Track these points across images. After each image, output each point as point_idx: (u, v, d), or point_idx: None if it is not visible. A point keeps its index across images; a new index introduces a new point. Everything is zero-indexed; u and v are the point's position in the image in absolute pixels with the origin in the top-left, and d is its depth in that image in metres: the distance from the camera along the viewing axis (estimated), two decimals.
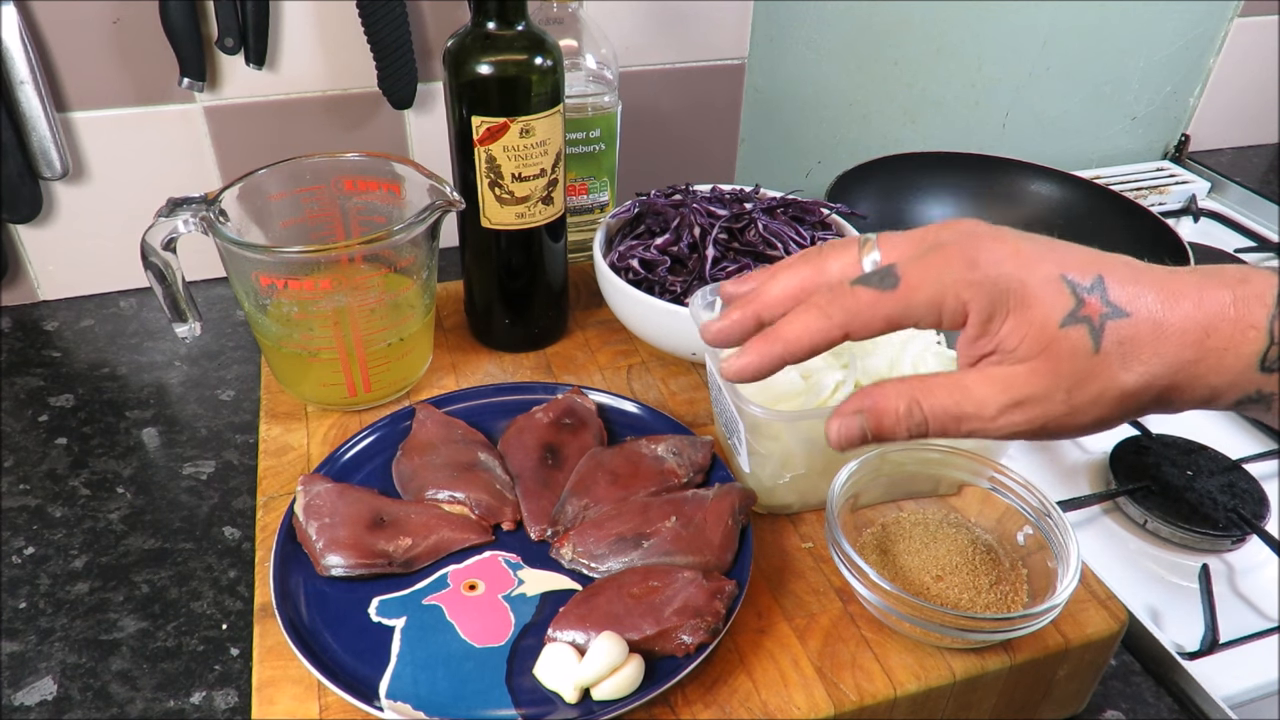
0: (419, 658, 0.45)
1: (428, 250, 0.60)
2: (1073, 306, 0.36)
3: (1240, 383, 0.36)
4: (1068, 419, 0.37)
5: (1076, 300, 0.36)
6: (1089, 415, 0.37)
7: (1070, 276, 0.37)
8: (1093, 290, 0.37)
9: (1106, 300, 0.36)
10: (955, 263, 0.37)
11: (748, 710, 0.44)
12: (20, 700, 0.50)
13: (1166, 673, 0.55)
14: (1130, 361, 0.36)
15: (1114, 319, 0.36)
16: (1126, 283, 0.37)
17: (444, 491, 0.53)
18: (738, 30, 0.89)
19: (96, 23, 0.72)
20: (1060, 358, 0.36)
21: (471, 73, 0.58)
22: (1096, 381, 0.36)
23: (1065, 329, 0.36)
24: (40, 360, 0.75)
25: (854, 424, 0.38)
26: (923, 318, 0.37)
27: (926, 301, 0.37)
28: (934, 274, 0.37)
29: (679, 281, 0.65)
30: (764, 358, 0.39)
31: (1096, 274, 0.37)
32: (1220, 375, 0.36)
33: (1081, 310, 0.36)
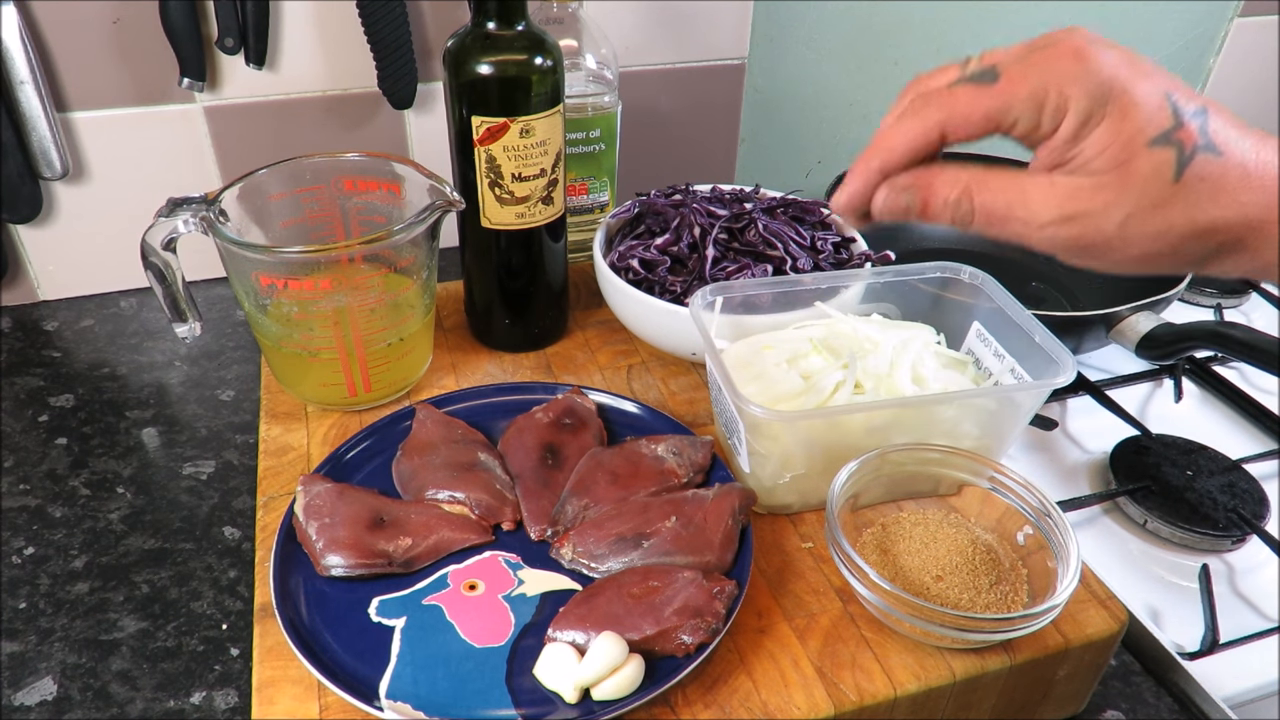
0: (419, 658, 0.45)
1: (428, 250, 0.60)
2: (1169, 126, 0.35)
3: None
4: (1117, 243, 0.36)
5: (1175, 121, 0.35)
6: (1138, 248, 0.36)
7: (1176, 97, 0.35)
8: (1195, 117, 0.35)
9: (1205, 130, 0.35)
10: (1064, 58, 0.35)
11: (748, 710, 0.44)
12: (20, 700, 0.50)
13: (1166, 673, 0.55)
14: (1206, 202, 0.35)
15: (1205, 153, 0.35)
16: (1229, 124, 0.35)
17: (444, 491, 0.53)
18: (738, 30, 0.89)
19: (96, 23, 0.72)
20: (1136, 176, 0.35)
21: (471, 73, 0.58)
22: (1162, 212, 0.35)
23: (1153, 148, 0.35)
24: (40, 360, 0.75)
25: (902, 199, 0.37)
26: (1024, 114, 0.36)
27: (1029, 95, 0.36)
28: (1038, 69, 0.36)
29: (679, 281, 0.65)
30: (863, 176, 0.38)
31: (1202, 104, 0.35)
32: None
33: (1176, 133, 0.35)
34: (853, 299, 0.63)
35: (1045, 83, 0.35)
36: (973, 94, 0.36)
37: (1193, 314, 0.89)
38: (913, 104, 0.37)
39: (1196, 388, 0.79)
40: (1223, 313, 0.88)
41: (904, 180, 0.37)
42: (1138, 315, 0.74)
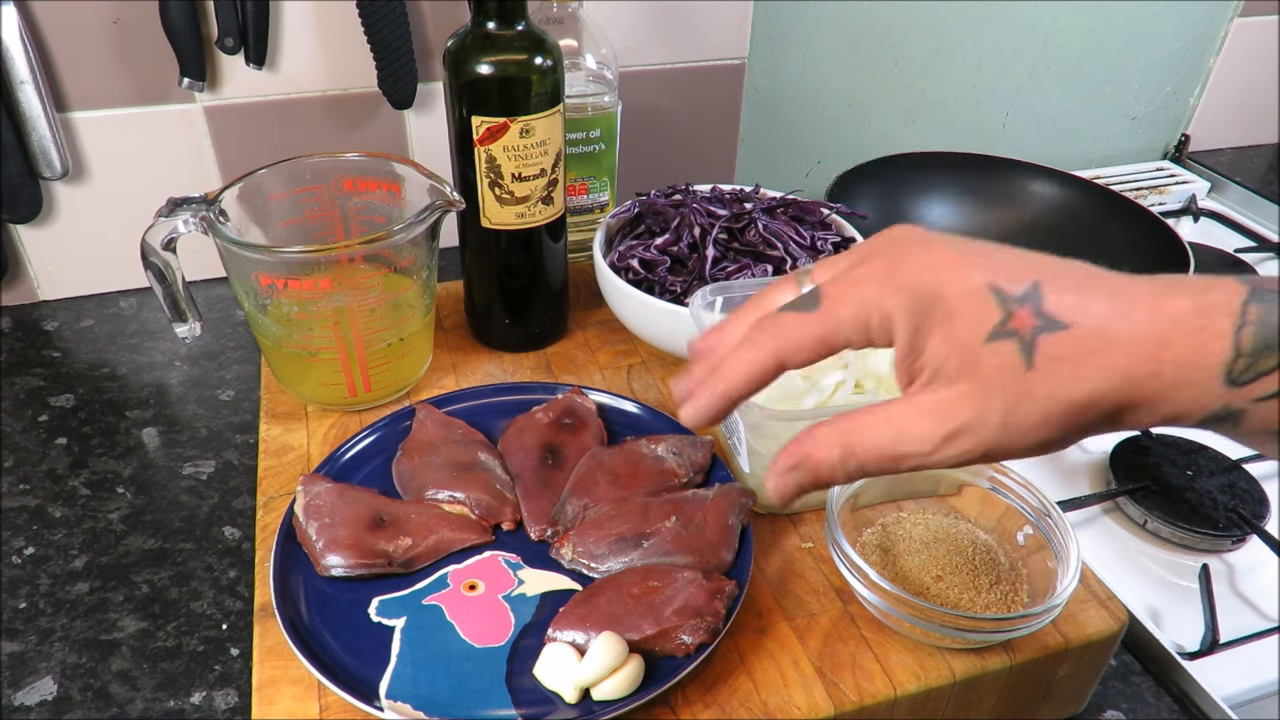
0: (419, 658, 0.45)
1: (428, 250, 0.60)
2: (999, 318, 0.33)
3: (1204, 399, 0.33)
4: (1008, 443, 0.34)
5: (1005, 313, 0.33)
6: (1031, 438, 0.34)
7: (1000, 286, 0.34)
8: (1024, 300, 0.33)
9: (1040, 312, 0.33)
10: (876, 275, 0.35)
11: (748, 710, 0.44)
12: (20, 700, 0.50)
13: (1166, 673, 0.55)
14: (1069, 379, 0.33)
15: (1048, 332, 0.33)
16: (1068, 292, 0.33)
17: (444, 491, 0.53)
18: (738, 30, 0.89)
19: (96, 23, 0.72)
20: (989, 377, 0.33)
21: (471, 73, 0.58)
22: (1032, 402, 0.33)
23: (992, 343, 0.33)
24: (40, 360, 0.75)
25: (789, 480, 0.37)
26: (851, 334, 0.35)
27: (851, 317, 0.35)
28: (855, 288, 0.35)
29: (679, 281, 0.65)
30: (713, 401, 0.38)
31: (1033, 281, 0.34)
32: (1182, 390, 0.33)
33: (1009, 323, 0.33)
34: None
35: (864, 302, 0.35)
36: (798, 321, 0.36)
37: None
38: (750, 333, 0.37)
39: None
40: None
41: (783, 461, 0.37)
42: None
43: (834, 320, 0.35)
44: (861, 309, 0.35)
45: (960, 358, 0.34)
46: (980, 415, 0.34)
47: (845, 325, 0.35)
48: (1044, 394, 0.33)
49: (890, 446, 0.35)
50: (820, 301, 0.35)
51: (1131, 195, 1.00)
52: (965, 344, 0.34)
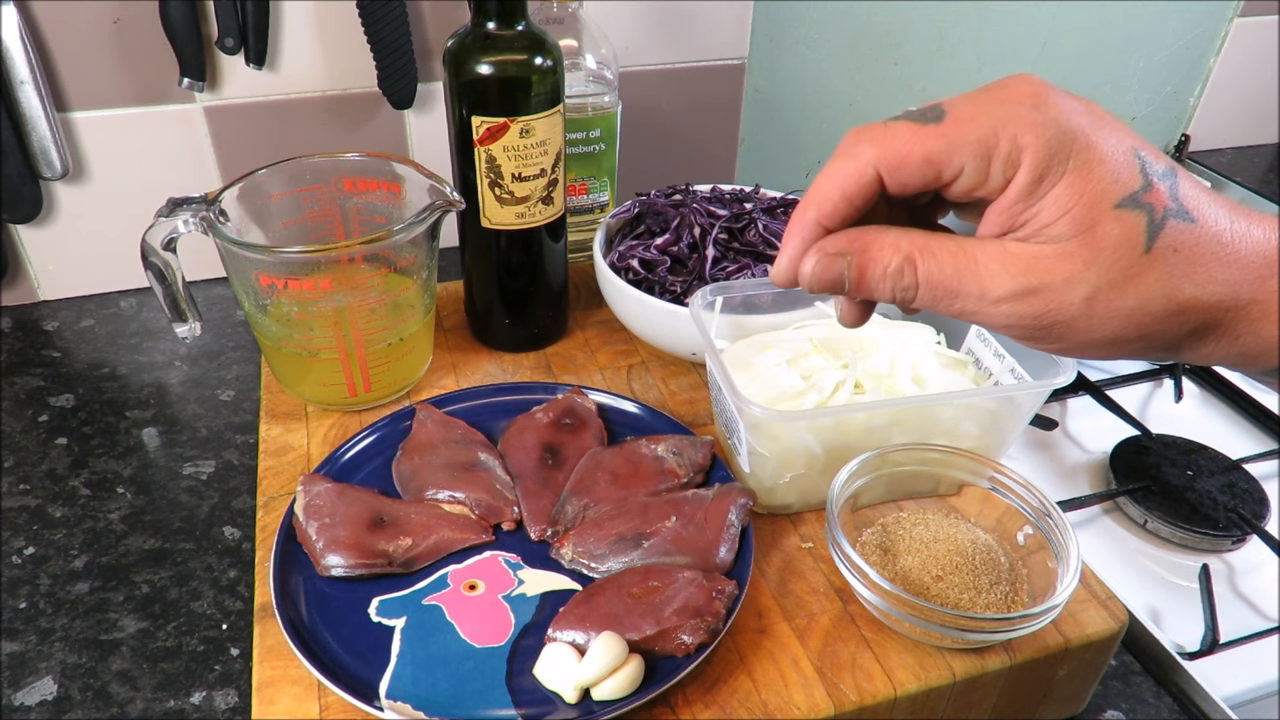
0: (419, 658, 0.45)
1: (428, 250, 0.60)
2: (1138, 187, 0.30)
3: None
4: (1082, 322, 0.31)
5: (1144, 181, 0.30)
6: (1105, 328, 0.31)
7: (1144, 155, 0.31)
8: (1164, 178, 0.31)
9: (1175, 195, 0.31)
10: (1019, 102, 0.31)
11: (748, 710, 0.44)
12: (20, 700, 0.50)
13: (1166, 673, 0.55)
14: (1179, 275, 0.30)
15: (1177, 219, 0.30)
16: (1202, 192, 0.31)
17: (444, 491, 0.53)
18: (738, 30, 0.89)
19: (96, 23, 0.72)
20: (1101, 245, 0.30)
21: (471, 73, 0.58)
22: (1133, 287, 0.30)
23: (1120, 211, 0.30)
24: (40, 360, 0.75)
25: (835, 266, 0.32)
26: (970, 160, 0.31)
27: (977, 139, 0.31)
28: (990, 111, 0.31)
29: (679, 281, 0.65)
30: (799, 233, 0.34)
31: (1171, 166, 0.31)
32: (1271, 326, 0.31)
33: (1145, 195, 0.30)
34: None
35: (996, 127, 0.31)
36: (912, 131, 0.31)
37: None
38: (845, 142, 0.33)
39: (1196, 388, 0.79)
40: None
41: (836, 244, 0.32)
42: None
43: (957, 137, 0.31)
44: (992, 132, 0.31)
45: (1080, 214, 0.30)
46: (1071, 282, 0.31)
47: (968, 146, 0.31)
48: (1149, 282, 0.30)
49: (956, 279, 0.32)
50: (944, 116, 0.31)
51: None
52: (1093, 201, 0.30)
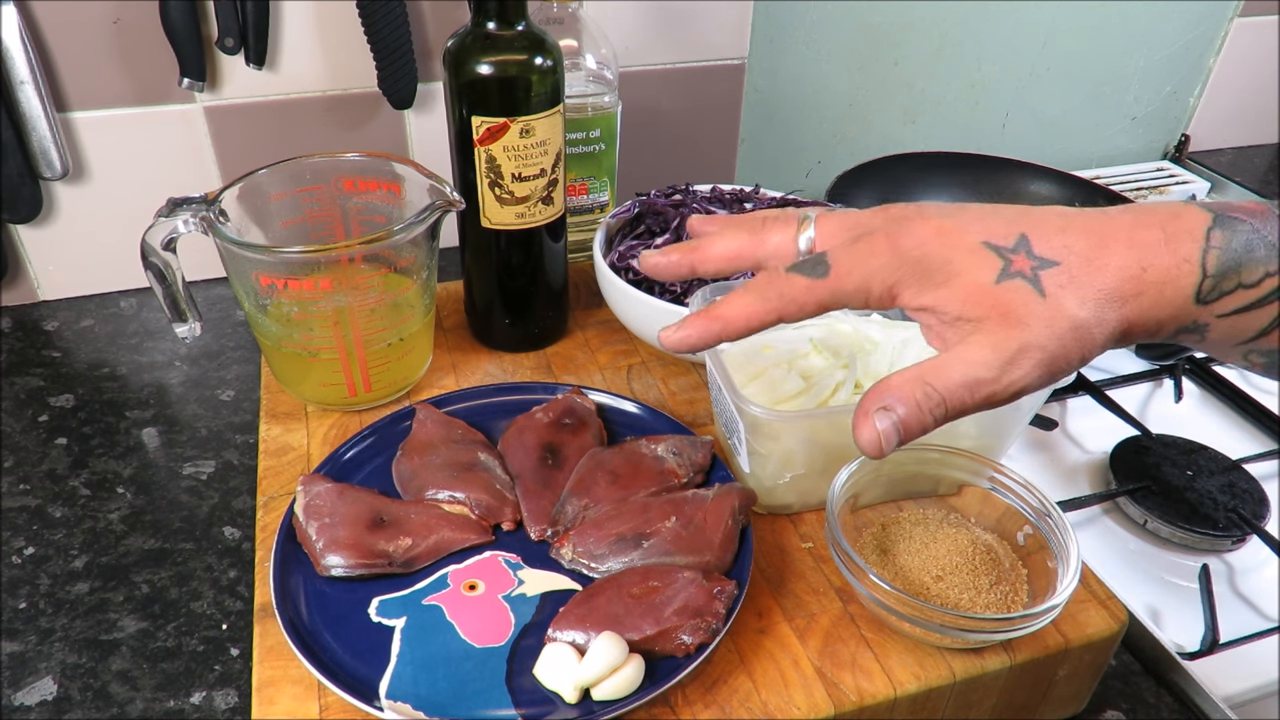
0: (419, 658, 0.45)
1: (428, 250, 0.60)
2: (1001, 266, 0.37)
3: (1180, 315, 0.37)
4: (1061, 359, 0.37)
5: (1003, 260, 0.37)
6: (1074, 353, 0.37)
7: (993, 241, 0.38)
8: (1017, 249, 0.38)
9: (1033, 255, 0.37)
10: (881, 250, 0.39)
11: (748, 710, 0.44)
12: (20, 700, 0.50)
13: (1166, 673, 0.55)
14: (1077, 298, 0.37)
15: (1045, 269, 0.37)
16: (1052, 235, 0.38)
17: (444, 491, 0.53)
18: (738, 30, 0.89)
19: (96, 23, 0.72)
20: (1016, 307, 0.37)
21: (471, 73, 0.58)
22: (1061, 319, 0.37)
23: (1002, 284, 0.37)
24: (40, 360, 0.75)
25: (888, 425, 0.38)
26: (852, 300, 0.39)
27: (854, 288, 0.39)
28: (861, 261, 0.39)
29: (679, 281, 0.65)
30: (703, 333, 0.41)
31: (1019, 233, 0.38)
32: (1162, 308, 0.37)
33: (1011, 267, 0.37)
34: None
35: (869, 275, 0.38)
36: (806, 286, 0.39)
37: None
38: (756, 284, 0.40)
39: (1196, 388, 0.79)
40: None
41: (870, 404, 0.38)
42: None
43: (839, 290, 0.39)
44: (866, 281, 0.39)
45: (980, 303, 0.37)
46: (1030, 336, 0.37)
47: (848, 295, 0.39)
48: (1071, 308, 0.37)
49: (965, 376, 0.37)
50: (829, 271, 0.39)
51: (1132, 195, 1.00)
52: (978, 290, 0.37)
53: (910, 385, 0.38)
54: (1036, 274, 0.37)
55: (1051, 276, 0.37)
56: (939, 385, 0.37)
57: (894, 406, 0.38)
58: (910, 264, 0.38)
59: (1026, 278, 0.37)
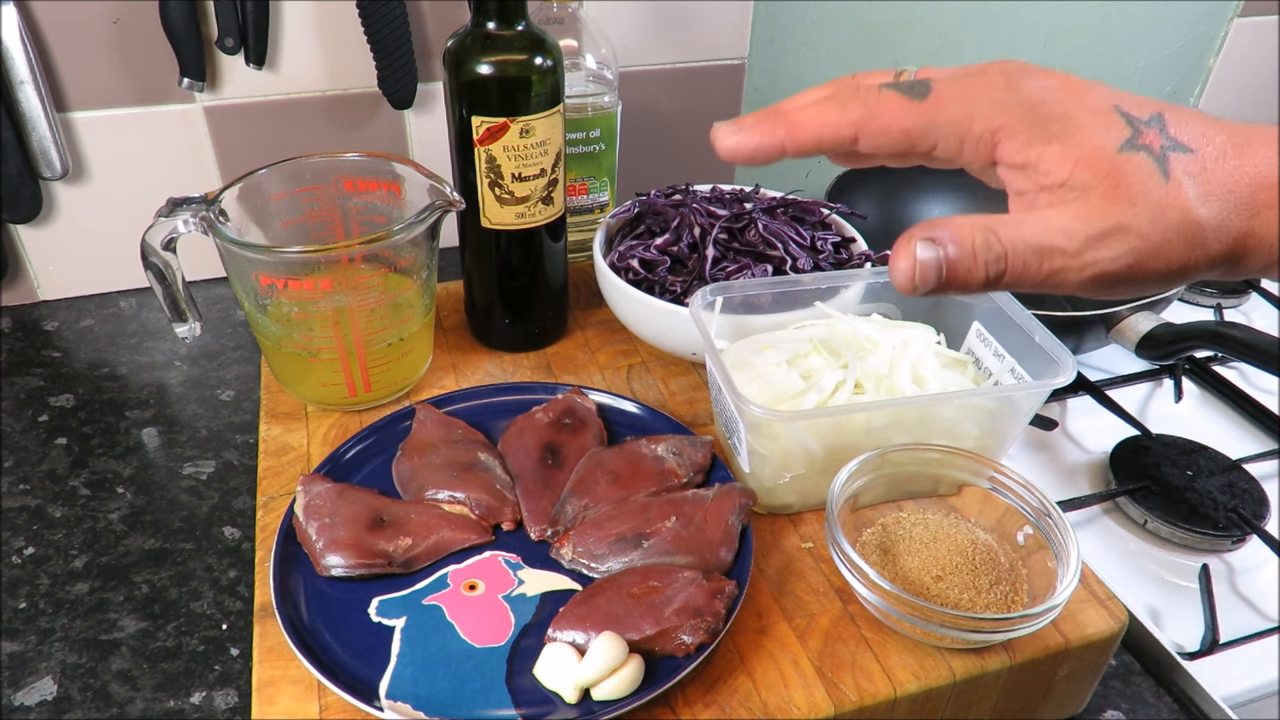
0: (419, 658, 0.45)
1: (428, 250, 0.60)
2: (1129, 135, 0.33)
3: None
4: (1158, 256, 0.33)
5: (1133, 130, 0.33)
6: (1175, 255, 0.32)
7: (1125, 108, 0.34)
8: (1151, 124, 0.33)
9: (1166, 134, 0.33)
10: (995, 86, 0.34)
11: (748, 710, 0.44)
12: (20, 700, 0.50)
13: (1166, 673, 0.55)
14: (1204, 197, 0.32)
15: (1176, 152, 0.33)
16: (1191, 122, 0.33)
17: (444, 491, 0.53)
18: (738, 30, 0.89)
19: (96, 23, 0.72)
20: (1131, 183, 0.32)
21: (471, 73, 0.58)
22: (1175, 211, 0.32)
23: (1124, 154, 0.33)
24: (40, 360, 0.75)
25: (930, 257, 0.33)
26: (946, 137, 0.34)
27: (953, 119, 0.34)
28: (969, 92, 0.34)
29: (679, 281, 0.65)
30: (765, 139, 0.36)
31: (1156, 111, 0.34)
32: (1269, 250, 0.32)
33: (1139, 139, 0.33)
34: (853, 299, 0.63)
35: (973, 108, 0.34)
36: (899, 105, 0.34)
37: (1193, 314, 0.89)
38: (838, 91, 0.35)
39: (1196, 388, 0.79)
40: (1223, 313, 0.88)
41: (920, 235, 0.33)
42: (1138, 315, 0.74)
43: (938, 116, 0.34)
44: (967, 113, 0.34)
45: (1093, 167, 0.33)
46: (1132, 217, 0.32)
47: (946, 126, 0.34)
48: (1183, 206, 0.32)
49: (1037, 238, 0.33)
50: (929, 94, 0.34)
51: None
52: (1096, 154, 0.33)
53: (971, 227, 0.33)
54: (1165, 154, 0.32)
55: (1181, 162, 0.32)
56: (1005, 237, 0.33)
57: (945, 242, 0.33)
58: (1025, 108, 0.33)
59: (1153, 154, 0.32)
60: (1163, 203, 0.32)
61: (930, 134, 0.34)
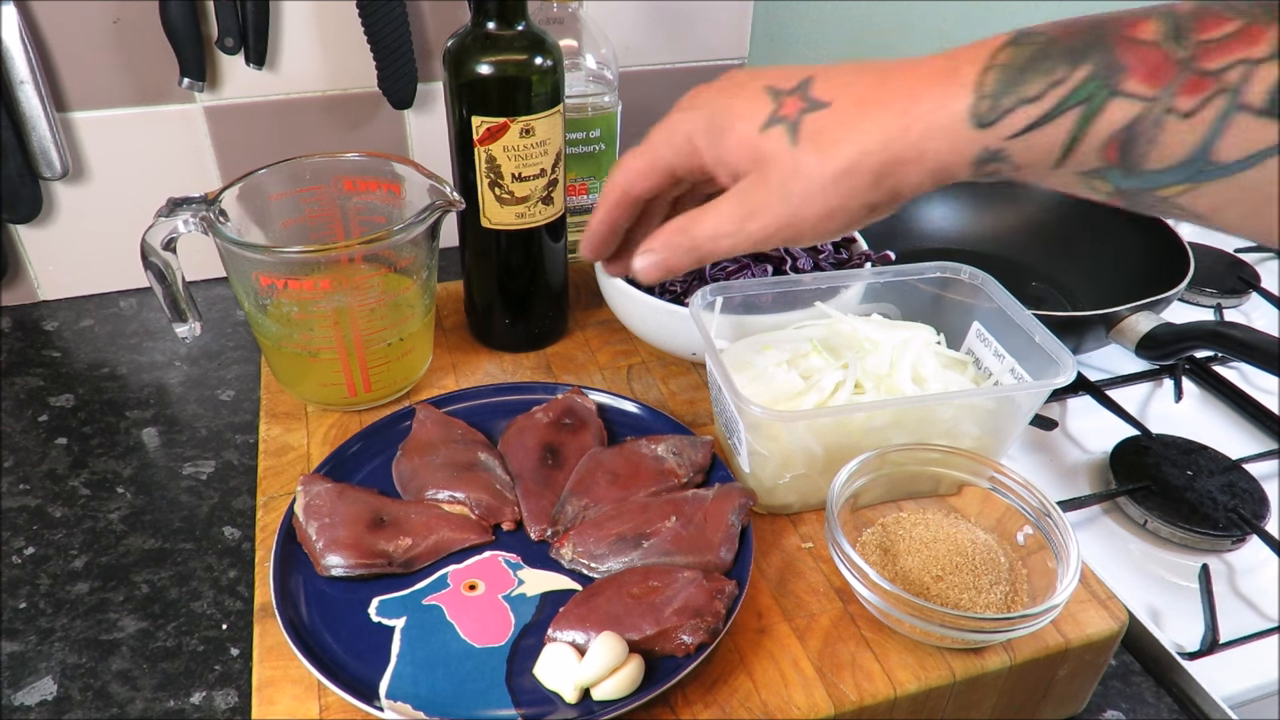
0: (419, 658, 0.45)
1: (428, 250, 0.60)
2: (771, 110, 0.39)
3: (960, 145, 0.36)
4: (798, 219, 0.39)
5: (775, 103, 0.39)
6: (813, 209, 0.38)
7: (774, 84, 0.39)
8: (794, 91, 0.39)
9: (807, 96, 0.38)
10: (681, 105, 0.42)
11: (748, 710, 0.44)
12: (20, 700, 0.50)
13: (1166, 673, 0.55)
14: (829, 146, 0.37)
15: (812, 111, 0.38)
16: (839, 77, 0.38)
17: (444, 491, 0.53)
18: (738, 30, 0.89)
19: (96, 23, 0.72)
20: (766, 160, 0.39)
21: (471, 73, 0.58)
22: (803, 175, 0.38)
23: (765, 131, 0.39)
24: (40, 360, 0.75)
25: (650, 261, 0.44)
26: (670, 157, 0.42)
27: (663, 142, 0.42)
28: (666, 120, 0.42)
29: (679, 281, 0.65)
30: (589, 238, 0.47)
31: (805, 77, 0.39)
32: (936, 139, 0.36)
33: (779, 111, 0.39)
34: (853, 299, 0.63)
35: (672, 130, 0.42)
36: (629, 154, 0.44)
37: (1193, 314, 0.89)
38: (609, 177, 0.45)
39: (1196, 388, 0.79)
40: (1223, 313, 0.88)
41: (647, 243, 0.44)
42: (1138, 315, 0.74)
43: (652, 148, 0.43)
44: (669, 134, 0.42)
45: (746, 151, 0.40)
46: (766, 194, 0.39)
47: (661, 150, 0.43)
48: (811, 164, 0.38)
49: (711, 228, 0.41)
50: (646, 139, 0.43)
51: None
52: (748, 138, 0.39)
53: (670, 231, 0.43)
54: (801, 118, 0.38)
55: (814, 120, 0.38)
56: (691, 231, 0.42)
57: (657, 249, 0.43)
58: (699, 112, 0.41)
59: (788, 123, 0.38)
60: (790, 169, 0.38)
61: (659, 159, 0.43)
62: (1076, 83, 0.34)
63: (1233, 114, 0.31)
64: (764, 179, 0.39)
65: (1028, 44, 0.35)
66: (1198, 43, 0.32)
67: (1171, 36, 0.32)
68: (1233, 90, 0.31)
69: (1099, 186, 0.37)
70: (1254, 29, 0.31)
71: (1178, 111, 0.32)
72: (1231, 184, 0.32)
